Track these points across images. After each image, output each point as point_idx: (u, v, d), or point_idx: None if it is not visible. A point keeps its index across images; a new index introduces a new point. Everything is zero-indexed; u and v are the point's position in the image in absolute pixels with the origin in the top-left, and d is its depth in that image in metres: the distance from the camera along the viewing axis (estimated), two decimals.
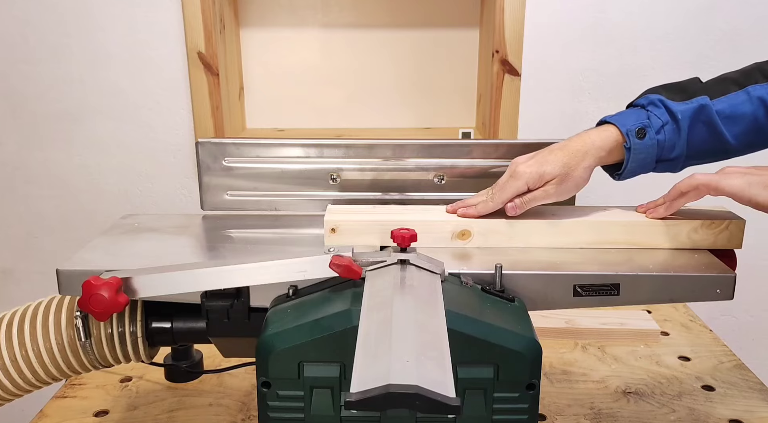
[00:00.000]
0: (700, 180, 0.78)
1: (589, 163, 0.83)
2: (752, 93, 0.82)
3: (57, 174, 1.62)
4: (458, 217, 0.85)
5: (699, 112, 0.82)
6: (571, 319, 1.22)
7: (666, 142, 0.83)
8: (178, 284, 0.72)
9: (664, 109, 0.83)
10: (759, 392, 1.04)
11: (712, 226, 0.82)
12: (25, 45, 1.54)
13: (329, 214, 0.86)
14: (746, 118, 0.82)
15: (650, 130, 0.82)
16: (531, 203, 0.83)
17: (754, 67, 0.86)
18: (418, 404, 0.46)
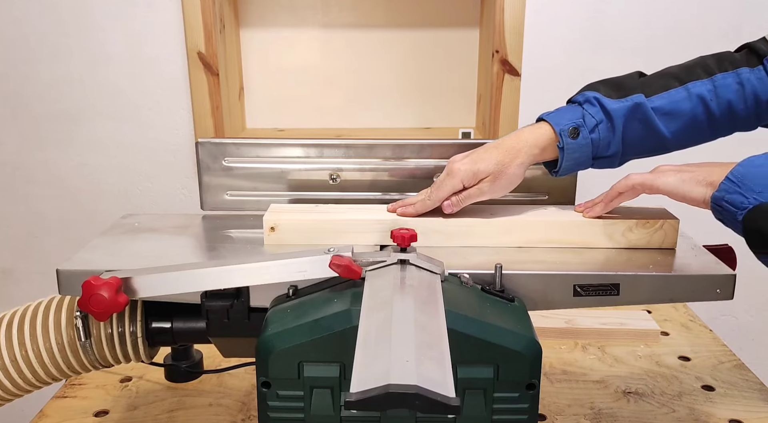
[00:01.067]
0: (635, 180, 0.78)
1: (522, 160, 0.83)
2: (692, 90, 0.82)
3: (57, 174, 1.62)
4: (397, 216, 0.86)
5: (634, 111, 0.82)
6: (571, 319, 1.22)
7: (600, 141, 0.83)
8: (178, 284, 0.72)
9: (599, 108, 0.83)
10: (759, 392, 1.04)
11: (646, 226, 0.83)
12: (25, 45, 1.54)
13: (269, 213, 0.87)
14: (685, 114, 0.82)
15: (584, 130, 0.83)
16: (466, 201, 0.84)
17: (697, 61, 0.86)
18: (417, 404, 0.46)
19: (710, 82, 0.82)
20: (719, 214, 0.70)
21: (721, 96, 0.82)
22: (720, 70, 0.82)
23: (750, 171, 0.68)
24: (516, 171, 0.83)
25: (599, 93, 0.84)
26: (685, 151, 0.88)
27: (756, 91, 0.81)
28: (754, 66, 0.82)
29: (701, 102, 0.82)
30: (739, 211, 0.66)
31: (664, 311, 1.32)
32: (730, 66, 0.82)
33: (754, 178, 0.66)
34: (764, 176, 0.66)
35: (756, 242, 0.66)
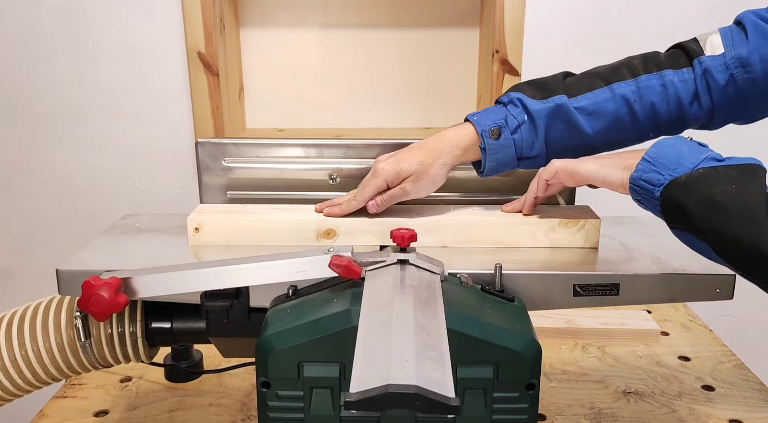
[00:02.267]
0: (558, 165, 0.80)
1: (444, 161, 0.84)
2: (616, 90, 0.82)
3: (57, 174, 1.62)
4: (324, 216, 0.86)
5: (556, 111, 0.83)
6: (571, 319, 1.22)
7: (523, 142, 0.84)
8: (177, 284, 0.72)
9: (522, 109, 0.83)
10: (759, 392, 1.04)
11: (569, 225, 0.84)
12: (25, 45, 1.54)
13: (194, 213, 0.87)
14: (608, 115, 0.83)
15: (505, 131, 0.83)
16: (390, 201, 0.85)
17: (625, 61, 0.86)
18: (417, 404, 0.46)
19: (634, 83, 0.82)
20: (637, 194, 0.72)
21: (644, 97, 0.82)
22: (645, 72, 0.83)
23: (663, 150, 0.70)
24: (438, 171, 0.84)
25: (524, 94, 0.84)
26: None
27: (678, 93, 0.82)
28: (683, 66, 0.82)
29: (625, 103, 0.82)
30: (656, 187, 0.69)
31: (664, 311, 1.32)
32: (655, 67, 0.83)
33: (668, 156, 0.69)
34: (676, 154, 0.69)
35: (673, 216, 0.69)
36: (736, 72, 0.80)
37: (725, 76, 0.81)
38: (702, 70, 0.81)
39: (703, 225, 0.66)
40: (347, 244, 0.83)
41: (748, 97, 0.82)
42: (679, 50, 0.85)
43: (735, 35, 0.81)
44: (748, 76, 0.80)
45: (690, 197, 0.66)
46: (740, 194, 0.64)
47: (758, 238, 0.62)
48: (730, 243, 0.64)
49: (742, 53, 0.80)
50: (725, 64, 0.80)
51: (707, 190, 0.65)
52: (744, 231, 0.63)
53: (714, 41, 0.82)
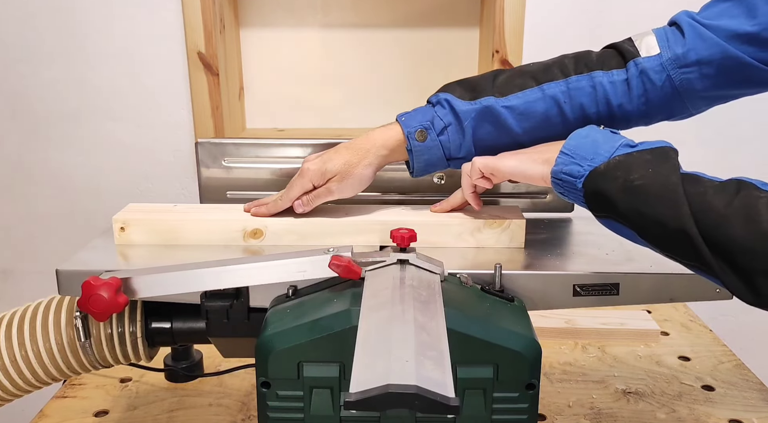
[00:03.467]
0: (479, 163, 0.80)
1: (370, 161, 0.84)
2: (546, 91, 0.82)
3: (57, 174, 1.62)
4: (251, 215, 0.86)
5: (484, 113, 0.82)
6: (571, 319, 1.22)
7: (450, 143, 0.84)
8: (177, 284, 0.72)
9: (449, 110, 0.83)
10: (759, 392, 1.04)
11: (494, 226, 0.84)
12: (24, 45, 1.54)
13: (120, 212, 0.87)
14: (538, 115, 0.83)
15: (431, 132, 0.83)
16: (316, 200, 0.85)
17: (557, 60, 0.86)
18: (417, 404, 0.46)
19: (565, 83, 0.82)
20: (560, 188, 0.73)
21: (574, 98, 0.82)
22: (576, 72, 0.83)
23: (579, 142, 0.72)
24: (364, 171, 0.84)
25: (453, 94, 0.84)
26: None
27: (607, 94, 0.82)
28: (614, 67, 0.82)
29: (555, 103, 0.82)
30: (577, 179, 0.71)
31: (664, 311, 1.32)
32: (586, 68, 0.83)
33: (584, 147, 0.71)
34: (592, 144, 0.71)
35: (597, 205, 0.70)
36: (673, 73, 0.81)
37: (662, 76, 0.81)
38: (638, 71, 0.81)
39: (625, 210, 0.67)
40: (273, 244, 0.84)
41: (685, 97, 0.82)
42: (612, 50, 0.85)
43: (670, 36, 0.82)
44: (685, 76, 0.81)
45: (610, 185, 0.68)
46: (657, 176, 0.66)
47: (678, 215, 0.64)
48: (653, 224, 0.66)
49: (678, 54, 0.80)
50: (662, 64, 0.81)
51: (626, 176, 0.67)
52: (665, 211, 0.65)
53: (649, 42, 0.83)
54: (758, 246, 0.60)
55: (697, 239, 0.63)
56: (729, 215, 0.62)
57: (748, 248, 0.60)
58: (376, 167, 0.85)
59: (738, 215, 0.61)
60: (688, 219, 0.63)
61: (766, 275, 0.60)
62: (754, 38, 0.77)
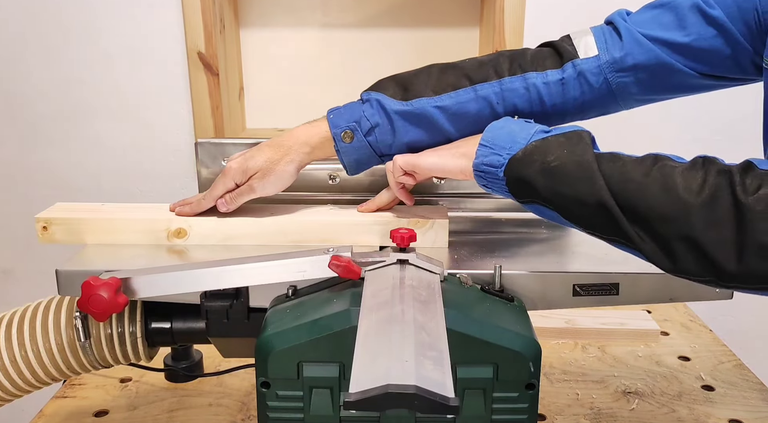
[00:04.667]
0: (399, 161, 0.81)
1: (292, 158, 0.84)
2: (479, 92, 0.82)
3: (57, 174, 1.62)
4: (176, 215, 0.86)
5: (416, 114, 0.82)
6: (571, 319, 1.22)
7: (379, 143, 0.83)
8: (177, 284, 0.72)
9: (378, 110, 0.82)
10: (759, 392, 1.04)
11: (417, 225, 0.84)
12: (25, 45, 1.54)
13: (46, 211, 0.86)
14: (471, 115, 0.82)
15: (358, 133, 0.82)
16: (238, 199, 0.85)
17: (492, 58, 0.85)
18: (416, 404, 0.46)
19: (498, 84, 0.82)
20: (483, 179, 0.74)
21: (507, 99, 0.82)
22: (510, 73, 0.83)
23: (496, 134, 0.74)
24: (285, 168, 0.83)
25: (385, 93, 0.83)
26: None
27: (541, 95, 0.82)
28: (549, 68, 0.83)
29: (488, 104, 0.82)
30: (498, 168, 0.72)
31: (664, 311, 1.32)
32: (519, 69, 0.83)
33: (502, 137, 0.73)
34: (508, 134, 0.73)
35: (519, 191, 0.72)
36: (610, 76, 0.82)
37: (599, 79, 0.82)
38: (576, 72, 0.82)
39: (546, 192, 0.69)
40: (198, 244, 0.84)
41: (619, 98, 0.83)
42: (549, 49, 0.85)
43: (608, 38, 0.83)
44: (621, 80, 0.82)
45: (529, 170, 0.70)
46: (572, 156, 0.68)
47: (595, 190, 0.66)
48: (573, 203, 0.68)
49: (616, 58, 0.82)
50: (599, 67, 0.82)
51: (543, 159, 0.69)
52: (582, 187, 0.67)
53: (588, 42, 0.84)
54: (675, 212, 0.62)
55: (615, 210, 0.65)
56: (647, 184, 0.64)
57: (665, 215, 0.63)
58: (299, 164, 0.84)
59: (656, 184, 0.64)
60: (605, 192, 0.65)
61: (682, 240, 0.62)
62: (686, 49, 0.80)
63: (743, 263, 0.60)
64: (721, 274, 0.62)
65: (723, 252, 0.61)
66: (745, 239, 0.60)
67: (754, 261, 0.60)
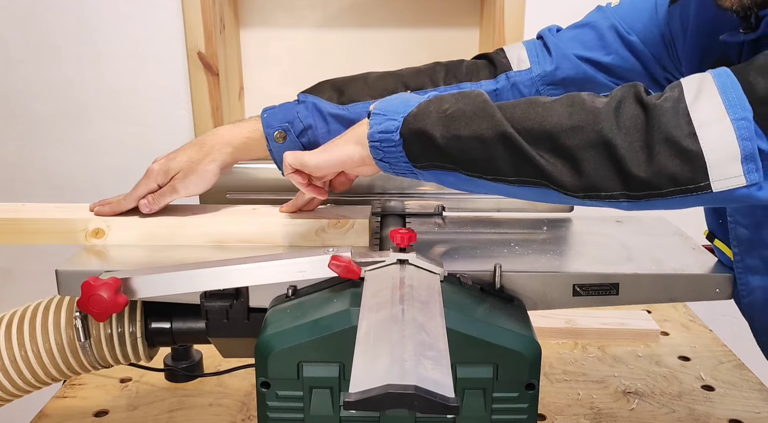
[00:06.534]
0: (288, 159, 0.76)
1: (214, 157, 0.83)
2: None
3: (57, 174, 1.62)
4: (95, 214, 0.85)
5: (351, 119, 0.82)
6: (571, 319, 1.22)
7: (312, 145, 0.82)
8: (177, 284, 0.72)
9: (312, 112, 0.82)
10: (759, 392, 1.04)
11: (338, 226, 0.83)
12: (24, 45, 1.54)
13: None
14: None
15: (291, 134, 0.82)
16: (161, 199, 0.84)
17: (429, 67, 0.86)
18: (416, 404, 0.46)
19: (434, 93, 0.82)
20: (379, 152, 0.69)
21: None
22: (445, 83, 0.83)
23: (389, 103, 0.70)
24: (207, 167, 0.83)
25: (322, 96, 0.83)
26: None
27: None
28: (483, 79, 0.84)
29: None
30: (393, 133, 0.68)
31: (664, 311, 1.32)
32: (455, 79, 0.83)
33: (393, 104, 0.70)
34: (402, 100, 0.70)
35: (417, 150, 0.67)
36: (542, 89, 0.84)
37: (532, 91, 0.84)
38: (510, 84, 0.83)
39: (444, 142, 0.65)
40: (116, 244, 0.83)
41: None
42: (483, 61, 0.86)
43: (539, 52, 0.86)
44: (552, 93, 0.84)
45: (425, 121, 0.66)
46: (467, 101, 0.66)
47: (494, 123, 0.63)
48: (472, 143, 0.64)
49: (547, 71, 0.84)
50: (532, 79, 0.84)
51: (438, 108, 0.66)
52: (481, 123, 0.64)
53: (521, 55, 0.86)
54: (583, 121, 0.61)
55: (516, 138, 0.62)
56: (554, 104, 0.63)
57: (573, 125, 0.61)
58: (221, 164, 0.84)
59: (562, 103, 0.63)
60: (505, 122, 0.63)
61: (590, 148, 0.60)
62: (607, 67, 0.84)
63: (653, 164, 0.59)
64: (631, 181, 0.60)
65: (633, 156, 0.59)
66: (653, 137, 0.58)
67: (663, 159, 0.58)
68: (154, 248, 0.83)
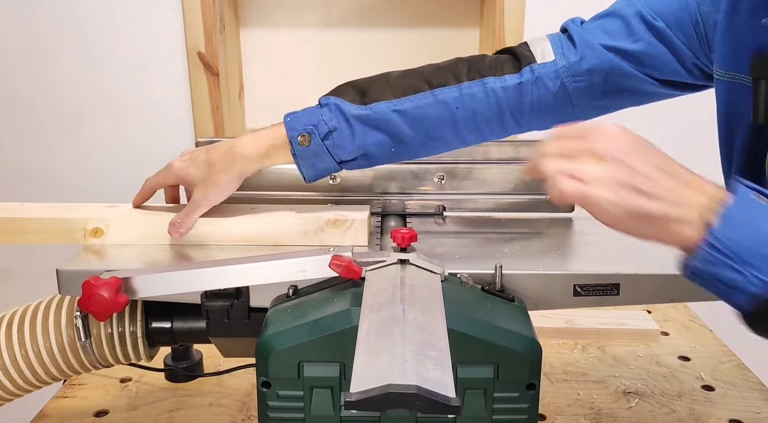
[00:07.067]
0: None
1: (235, 168, 0.83)
2: (438, 96, 0.82)
3: (57, 174, 1.62)
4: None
5: (374, 118, 0.81)
6: (571, 319, 1.22)
7: (336, 148, 0.82)
8: (177, 284, 0.72)
9: (336, 114, 0.81)
10: (759, 392, 1.04)
11: (337, 225, 0.83)
12: (25, 45, 1.54)
13: None
14: (429, 120, 0.82)
15: (315, 137, 0.81)
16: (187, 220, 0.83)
17: (452, 63, 0.86)
18: (418, 404, 0.46)
19: (457, 89, 0.82)
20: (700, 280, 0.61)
21: (466, 104, 0.82)
22: (468, 78, 0.83)
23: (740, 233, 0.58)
24: (228, 178, 0.83)
25: (344, 98, 0.82)
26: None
27: (499, 100, 0.82)
28: (507, 73, 0.83)
29: (447, 109, 0.82)
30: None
31: (664, 311, 1.32)
32: (478, 74, 0.83)
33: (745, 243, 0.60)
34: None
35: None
36: (566, 81, 0.83)
37: (556, 83, 0.83)
38: (534, 77, 0.82)
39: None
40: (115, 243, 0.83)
41: (576, 104, 0.84)
42: (507, 56, 0.86)
43: (564, 43, 0.84)
44: (577, 85, 0.83)
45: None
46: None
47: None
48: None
49: (572, 62, 0.83)
50: (556, 71, 0.83)
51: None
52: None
53: (545, 48, 0.85)
54: None
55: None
56: None
57: None
58: (241, 175, 0.84)
59: None
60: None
61: None
62: (635, 56, 0.82)
63: None
64: None
65: None
66: None
67: None
68: (154, 247, 0.83)
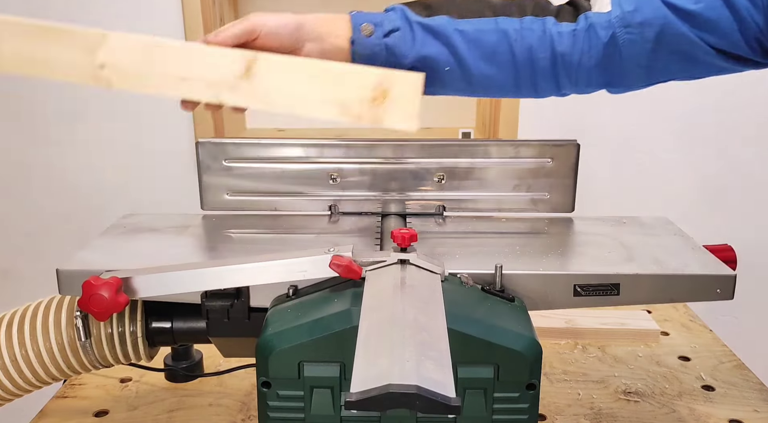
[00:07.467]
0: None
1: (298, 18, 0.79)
2: (500, 24, 0.82)
3: (57, 174, 1.62)
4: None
5: (435, 30, 0.81)
6: (571, 319, 1.22)
7: (395, 49, 0.80)
8: (178, 284, 0.72)
9: (400, 17, 0.81)
10: (759, 392, 1.04)
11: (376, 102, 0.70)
12: None
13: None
14: (488, 46, 0.82)
15: (378, 31, 0.80)
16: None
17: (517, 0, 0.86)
18: (418, 404, 0.46)
19: (519, 22, 0.82)
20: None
21: (525, 38, 0.82)
22: (532, 14, 0.83)
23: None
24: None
25: (409, 8, 0.82)
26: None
27: (554, 42, 0.82)
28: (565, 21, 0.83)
29: (506, 38, 0.82)
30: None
31: (664, 311, 1.32)
32: (542, 12, 0.83)
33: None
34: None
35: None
36: (618, 31, 0.81)
37: (608, 33, 0.81)
38: (588, 24, 0.81)
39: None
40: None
41: (625, 59, 0.82)
42: (568, 6, 0.85)
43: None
44: (629, 37, 0.81)
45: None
46: None
47: None
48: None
49: (626, 12, 0.80)
50: (610, 21, 0.81)
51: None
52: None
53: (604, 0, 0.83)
54: None
55: None
56: None
57: None
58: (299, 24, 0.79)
59: None
60: None
61: None
62: (694, 17, 0.78)
63: None
64: None
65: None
66: None
67: None
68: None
